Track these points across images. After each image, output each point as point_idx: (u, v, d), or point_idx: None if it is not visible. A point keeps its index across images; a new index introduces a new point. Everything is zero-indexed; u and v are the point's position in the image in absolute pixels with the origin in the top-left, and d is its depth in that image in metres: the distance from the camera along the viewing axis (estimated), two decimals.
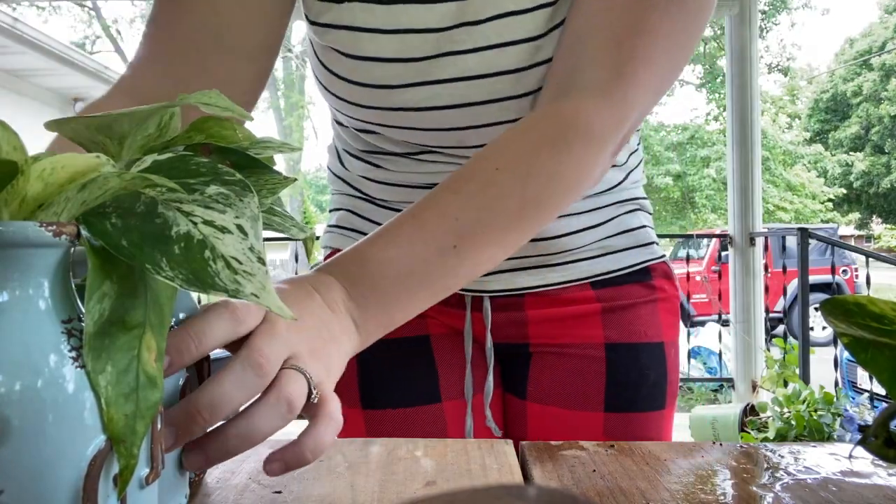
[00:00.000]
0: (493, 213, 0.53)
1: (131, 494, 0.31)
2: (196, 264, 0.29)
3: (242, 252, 0.30)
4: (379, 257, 0.50)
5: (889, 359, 0.43)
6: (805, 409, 2.86)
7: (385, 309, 0.50)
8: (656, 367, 0.77)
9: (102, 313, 0.28)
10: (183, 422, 0.37)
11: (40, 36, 5.72)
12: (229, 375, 0.38)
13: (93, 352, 0.28)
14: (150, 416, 0.29)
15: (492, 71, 0.64)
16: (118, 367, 0.28)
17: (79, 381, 0.27)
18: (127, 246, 0.29)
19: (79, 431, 0.27)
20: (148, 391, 0.29)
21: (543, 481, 0.50)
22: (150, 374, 0.29)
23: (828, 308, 0.44)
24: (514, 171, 0.54)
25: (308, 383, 0.41)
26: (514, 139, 0.56)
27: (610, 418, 0.75)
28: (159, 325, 0.31)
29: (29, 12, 15.03)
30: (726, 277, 3.91)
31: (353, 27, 0.63)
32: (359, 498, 0.46)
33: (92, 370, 0.27)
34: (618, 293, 0.77)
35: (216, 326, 0.38)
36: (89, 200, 0.30)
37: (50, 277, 0.28)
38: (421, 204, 0.53)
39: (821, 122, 22.98)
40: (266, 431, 0.39)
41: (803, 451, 0.56)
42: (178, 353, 0.37)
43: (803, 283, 3.56)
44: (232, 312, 0.39)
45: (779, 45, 22.94)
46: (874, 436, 0.44)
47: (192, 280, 0.29)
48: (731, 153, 3.61)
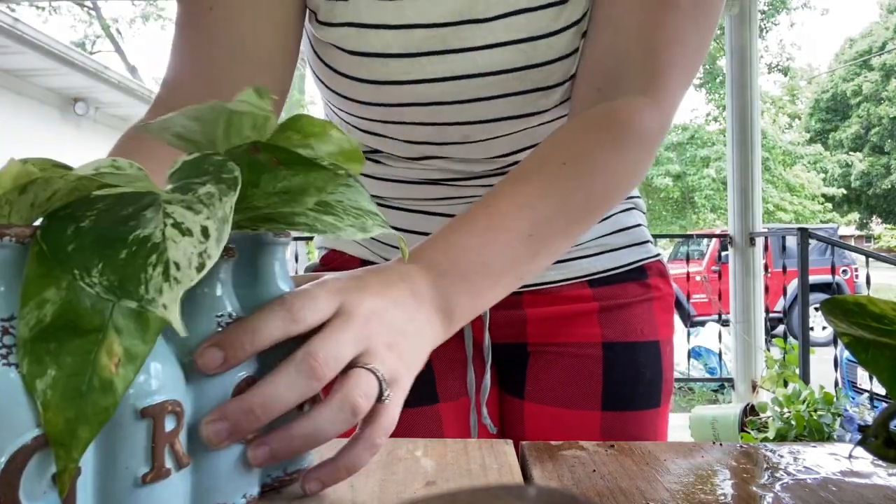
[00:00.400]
0: (563, 206, 0.55)
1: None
2: (131, 270, 0.28)
3: (188, 256, 0.29)
4: (461, 245, 0.51)
5: (889, 359, 0.43)
6: (805, 409, 2.87)
7: (471, 297, 0.51)
8: (652, 365, 0.77)
9: (42, 319, 0.29)
10: (236, 418, 0.37)
11: (40, 36, 5.72)
12: (282, 376, 0.38)
13: (30, 355, 0.28)
14: (97, 421, 0.29)
15: (500, 68, 0.64)
16: (65, 371, 0.29)
17: (3, 378, 0.28)
18: (68, 251, 0.29)
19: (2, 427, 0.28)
20: (99, 396, 0.29)
21: (543, 481, 0.50)
22: (105, 379, 0.29)
23: (828, 308, 0.44)
24: (580, 166, 0.56)
25: (379, 383, 0.41)
26: (575, 137, 0.58)
27: (607, 417, 0.75)
28: (138, 330, 0.31)
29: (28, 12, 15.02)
30: (726, 277, 3.91)
31: (358, 24, 0.63)
32: (359, 498, 0.46)
33: (28, 373, 0.28)
34: (615, 292, 0.78)
35: (270, 324, 0.39)
36: (39, 203, 0.30)
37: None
38: (493, 195, 0.54)
39: (821, 122, 22.99)
40: (330, 433, 0.39)
41: (803, 451, 0.56)
42: (231, 349, 0.37)
43: (803, 283, 3.56)
44: (288, 310, 0.39)
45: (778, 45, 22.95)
46: (874, 436, 0.44)
47: (113, 289, 0.28)
48: (730, 153, 3.61)
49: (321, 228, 0.38)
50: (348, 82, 0.66)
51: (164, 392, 0.33)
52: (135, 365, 0.30)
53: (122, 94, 7.06)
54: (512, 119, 0.68)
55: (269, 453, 0.39)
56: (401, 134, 0.70)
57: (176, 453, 0.34)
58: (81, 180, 0.30)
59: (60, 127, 6.99)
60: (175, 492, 0.34)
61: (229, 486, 0.38)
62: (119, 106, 7.46)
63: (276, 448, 0.39)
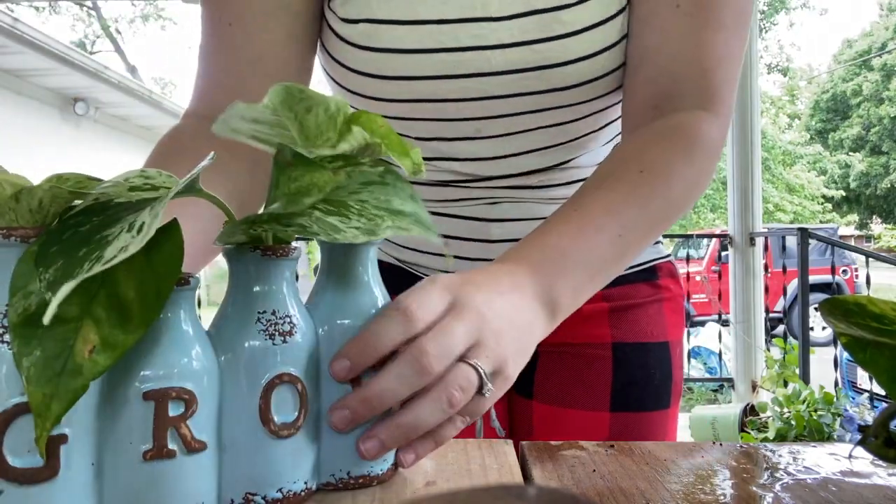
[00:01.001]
0: (645, 211, 0.58)
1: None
2: (73, 266, 0.33)
3: (115, 249, 0.33)
4: (557, 246, 0.54)
5: (889, 359, 0.43)
6: (805, 409, 2.87)
7: (573, 294, 0.54)
8: (661, 366, 0.77)
9: (28, 307, 0.33)
10: (355, 407, 0.41)
11: (40, 36, 5.71)
12: (394, 370, 0.41)
13: (20, 338, 0.33)
14: (68, 399, 0.33)
15: (513, 68, 0.64)
16: (47, 353, 0.33)
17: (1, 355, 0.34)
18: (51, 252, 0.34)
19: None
20: (70, 379, 0.33)
21: (543, 481, 0.50)
22: (77, 364, 0.33)
23: (827, 308, 0.44)
24: (657, 175, 0.59)
25: (480, 378, 0.43)
26: (648, 147, 0.62)
27: (616, 418, 0.75)
28: (120, 321, 0.34)
29: (28, 12, 15.01)
30: (726, 277, 3.91)
31: (371, 19, 0.64)
32: (359, 498, 0.46)
33: (17, 352, 0.33)
34: (625, 292, 0.78)
35: (391, 329, 0.41)
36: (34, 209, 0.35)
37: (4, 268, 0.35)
38: (579, 199, 0.58)
39: (822, 122, 22.98)
40: (429, 424, 0.42)
41: (803, 451, 0.56)
42: (358, 357, 0.41)
43: (803, 283, 3.56)
44: (403, 313, 0.42)
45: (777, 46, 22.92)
46: (874, 436, 0.44)
47: (49, 284, 0.32)
48: (730, 153, 3.61)
49: (316, 230, 0.38)
50: (360, 78, 0.67)
51: (173, 380, 0.37)
52: (114, 353, 0.34)
53: (121, 94, 7.06)
54: (524, 115, 0.67)
55: (380, 444, 0.43)
56: (411, 130, 0.70)
57: (183, 437, 0.37)
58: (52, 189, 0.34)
59: (60, 127, 6.99)
60: (184, 473, 0.37)
61: (288, 473, 0.41)
62: (119, 106, 7.46)
63: (385, 438, 0.42)
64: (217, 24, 0.66)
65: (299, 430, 0.41)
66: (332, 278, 0.45)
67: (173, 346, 0.37)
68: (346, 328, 0.43)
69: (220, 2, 0.66)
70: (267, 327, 0.41)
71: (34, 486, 0.34)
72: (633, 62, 0.66)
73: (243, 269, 0.42)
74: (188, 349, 0.38)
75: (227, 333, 0.41)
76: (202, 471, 0.38)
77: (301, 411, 0.41)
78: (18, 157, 6.05)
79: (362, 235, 0.38)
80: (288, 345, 0.41)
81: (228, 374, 0.40)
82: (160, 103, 7.86)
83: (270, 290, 0.42)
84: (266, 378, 0.40)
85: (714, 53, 0.63)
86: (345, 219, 0.39)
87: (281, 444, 0.40)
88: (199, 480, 0.38)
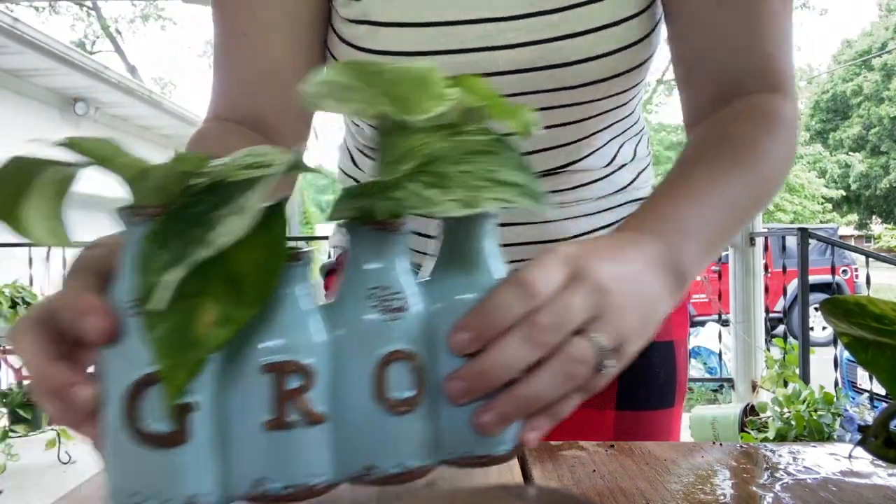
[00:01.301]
0: (746, 188, 0.58)
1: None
2: (189, 246, 0.34)
3: (221, 233, 0.34)
4: (675, 214, 0.52)
5: (889, 359, 0.43)
6: (805, 409, 2.86)
7: (697, 263, 0.52)
8: (666, 365, 0.77)
9: (153, 284, 0.35)
10: (471, 378, 0.40)
11: (40, 36, 5.71)
12: (509, 343, 0.40)
13: (147, 312, 0.35)
14: (191, 370, 0.35)
15: (522, 67, 0.64)
16: (172, 326, 0.35)
17: (132, 327, 0.36)
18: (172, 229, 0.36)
19: (129, 360, 0.36)
20: (193, 350, 0.35)
21: (543, 481, 0.50)
22: (198, 336, 0.35)
23: (828, 308, 0.44)
24: (750, 153, 0.59)
25: (599, 354, 0.42)
26: (734, 126, 0.62)
27: (621, 416, 0.75)
28: (235, 295, 0.36)
29: (27, 12, 15.01)
30: (726, 277, 3.91)
31: (373, 21, 0.63)
32: (359, 498, 0.46)
33: (147, 326, 0.35)
34: None
35: (510, 303, 0.40)
36: (158, 187, 0.37)
37: (131, 249, 0.37)
38: (683, 173, 0.58)
39: (822, 122, 22.97)
40: (547, 397, 0.41)
41: (803, 451, 0.56)
42: (477, 330, 0.40)
43: (803, 283, 3.56)
44: (523, 287, 0.40)
45: None
46: (874, 436, 0.44)
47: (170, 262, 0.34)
48: None
49: (413, 203, 0.37)
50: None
51: (291, 354, 0.38)
52: (232, 327, 0.35)
53: (122, 94, 7.05)
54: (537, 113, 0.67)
55: (498, 417, 0.41)
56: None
57: (301, 409, 0.38)
58: (177, 169, 0.36)
59: (60, 127, 6.99)
60: (302, 444, 0.38)
61: (406, 449, 0.41)
62: (119, 106, 7.46)
63: (503, 411, 0.41)
64: (231, 35, 0.67)
65: (416, 406, 0.41)
66: (449, 254, 0.44)
67: (290, 321, 0.38)
68: (465, 304, 0.42)
69: (234, 13, 0.67)
70: (379, 303, 0.40)
71: (166, 449, 0.36)
72: (687, 63, 0.67)
73: (356, 244, 0.42)
74: (304, 324, 0.39)
75: (340, 309, 0.41)
76: (321, 442, 0.39)
77: (418, 388, 0.41)
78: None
79: (460, 208, 0.37)
80: (401, 321, 0.41)
81: (343, 349, 0.40)
82: (160, 103, 7.85)
83: (382, 265, 0.41)
84: (380, 354, 0.40)
85: (772, 38, 0.65)
86: (444, 190, 0.38)
87: (398, 419, 0.40)
88: (318, 451, 0.39)
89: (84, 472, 2.92)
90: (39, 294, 3.85)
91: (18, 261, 4.29)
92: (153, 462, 0.36)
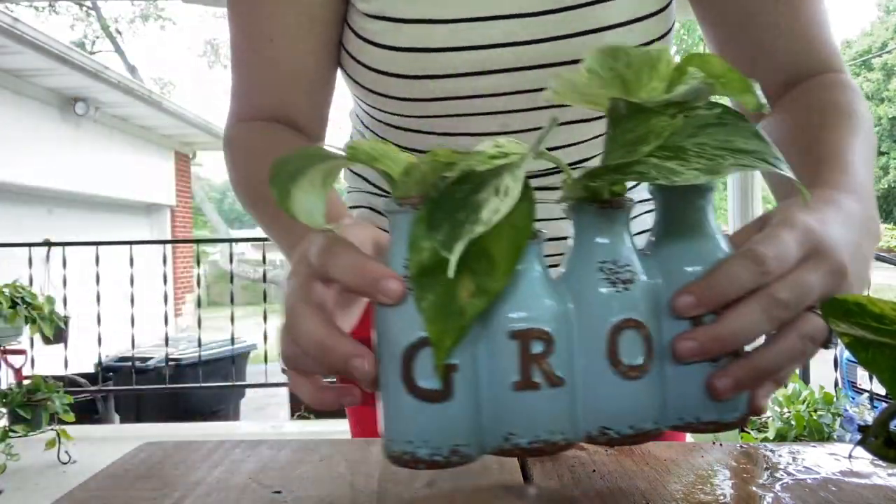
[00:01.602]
0: (871, 148, 0.59)
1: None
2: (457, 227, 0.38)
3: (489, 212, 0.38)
4: (854, 176, 0.53)
5: (889, 358, 0.43)
6: (805, 409, 2.86)
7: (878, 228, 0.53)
8: None
9: (422, 261, 0.40)
10: (704, 341, 0.41)
11: (40, 36, 5.71)
12: (750, 313, 0.41)
13: (418, 285, 0.39)
14: (456, 335, 0.39)
15: (548, 62, 0.64)
16: (438, 297, 0.39)
17: (405, 298, 0.41)
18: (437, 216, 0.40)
19: (405, 326, 0.41)
20: (457, 318, 0.39)
21: (543, 481, 0.50)
22: (460, 306, 0.39)
23: (828, 308, 0.44)
24: (859, 118, 0.61)
25: (830, 331, 0.43)
26: (826, 95, 0.64)
27: None
28: (488, 271, 0.39)
29: (27, 12, 15.01)
30: None
31: (394, 18, 0.63)
32: (359, 498, 0.46)
33: (417, 296, 0.39)
34: None
35: (741, 275, 0.41)
36: (419, 180, 0.43)
37: (398, 233, 0.43)
38: (821, 138, 0.58)
39: None
40: (779, 369, 0.43)
41: (803, 451, 0.56)
42: (704, 296, 0.41)
43: None
44: (756, 261, 0.41)
45: None
46: (874, 436, 0.44)
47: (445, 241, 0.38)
48: None
49: (654, 175, 0.40)
50: (382, 78, 0.66)
51: (532, 322, 0.41)
52: (487, 297, 0.39)
53: (121, 94, 7.06)
54: (551, 109, 0.67)
55: (734, 383, 0.42)
56: (436, 127, 0.70)
57: (544, 372, 0.41)
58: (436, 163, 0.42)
59: (60, 127, 6.99)
60: (546, 404, 0.42)
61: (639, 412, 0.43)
62: (119, 106, 7.46)
63: (741, 378, 0.42)
64: (257, 39, 0.69)
65: (647, 372, 0.43)
66: (671, 226, 0.47)
67: (531, 292, 0.42)
68: (689, 275, 0.44)
69: (259, 17, 0.68)
70: (609, 276, 0.44)
71: (435, 404, 0.41)
72: (744, 64, 0.68)
73: (583, 223, 0.45)
74: (543, 296, 0.43)
75: (572, 282, 0.44)
76: (562, 403, 0.42)
77: (648, 355, 0.43)
78: (18, 157, 6.05)
79: (703, 175, 0.39)
80: (630, 292, 0.43)
81: (577, 319, 0.43)
82: (160, 103, 7.86)
83: (609, 240, 0.45)
84: (612, 323, 0.43)
85: (825, 25, 0.68)
86: (684, 162, 0.40)
87: (630, 384, 0.43)
88: (560, 411, 0.42)
89: (84, 472, 2.93)
90: (39, 294, 3.85)
91: (18, 261, 4.29)
92: (425, 414, 0.41)
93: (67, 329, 4.12)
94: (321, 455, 0.56)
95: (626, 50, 0.42)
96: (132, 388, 4.78)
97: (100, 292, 4.33)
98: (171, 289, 5.13)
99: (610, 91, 0.43)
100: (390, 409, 0.42)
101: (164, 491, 0.49)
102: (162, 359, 5.04)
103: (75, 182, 7.07)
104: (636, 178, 0.41)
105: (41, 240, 4.56)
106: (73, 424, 3.49)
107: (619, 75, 0.42)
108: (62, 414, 3.42)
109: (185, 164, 10.59)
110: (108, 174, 7.61)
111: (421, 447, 0.41)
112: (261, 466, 0.53)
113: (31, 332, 3.79)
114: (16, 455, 3.27)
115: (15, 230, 5.67)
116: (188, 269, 10.30)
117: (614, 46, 0.42)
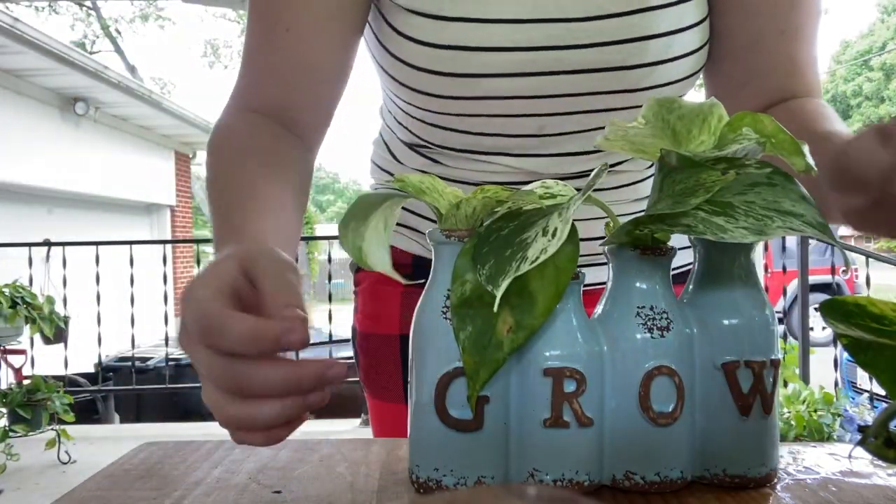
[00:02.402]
0: None
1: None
2: (503, 265, 0.40)
3: (536, 251, 0.39)
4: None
5: (889, 359, 0.43)
6: (805, 410, 2.86)
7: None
8: None
9: (464, 293, 0.41)
10: None
11: (40, 35, 5.70)
12: None
13: (457, 315, 0.41)
14: (492, 368, 0.40)
15: (587, 67, 0.65)
16: (477, 329, 0.40)
17: (444, 327, 0.42)
18: (483, 251, 0.42)
19: (438, 356, 0.42)
20: (495, 351, 0.40)
21: None
22: (499, 339, 0.40)
23: (827, 309, 0.44)
24: (841, 122, 0.63)
25: None
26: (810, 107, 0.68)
27: None
28: (528, 308, 0.41)
29: (27, 12, 15.00)
30: None
31: (440, 16, 0.63)
32: (359, 498, 0.46)
33: (456, 327, 0.41)
34: None
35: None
36: (469, 215, 0.45)
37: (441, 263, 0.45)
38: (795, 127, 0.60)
39: None
40: None
41: (803, 451, 0.56)
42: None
43: (803, 284, 3.55)
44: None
45: None
46: (874, 436, 0.44)
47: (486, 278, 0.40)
48: None
49: (702, 230, 0.40)
50: (421, 75, 0.66)
51: (567, 361, 0.42)
52: (526, 333, 0.40)
53: (121, 94, 7.05)
54: (588, 114, 0.68)
55: None
56: (472, 126, 0.70)
57: (574, 411, 0.42)
58: (485, 199, 0.43)
59: (60, 127, 6.99)
60: (574, 443, 0.42)
61: (666, 459, 0.44)
62: (119, 106, 7.45)
63: None
64: (273, 29, 0.68)
65: (677, 420, 0.43)
66: (711, 278, 0.47)
67: (567, 331, 0.43)
68: (725, 328, 0.45)
69: (279, 7, 0.67)
70: (646, 321, 0.44)
71: (465, 433, 0.42)
72: (738, 80, 0.71)
73: (624, 267, 0.46)
74: (579, 336, 0.43)
75: (609, 325, 0.45)
76: (589, 443, 0.43)
77: (678, 403, 0.43)
78: (18, 157, 6.04)
79: (751, 235, 0.39)
80: (665, 339, 0.44)
81: (611, 361, 0.44)
82: (160, 103, 7.84)
83: (649, 287, 0.45)
84: (645, 368, 0.43)
85: (811, 59, 0.72)
86: (731, 219, 0.40)
87: (659, 431, 0.43)
88: (587, 451, 0.43)
89: (84, 472, 2.93)
90: (39, 294, 3.85)
91: (18, 261, 4.29)
92: (454, 443, 0.42)
93: (67, 329, 4.12)
94: (321, 455, 0.56)
95: (679, 102, 0.42)
96: (132, 388, 4.77)
97: (100, 292, 4.32)
98: (172, 289, 5.12)
99: (660, 142, 0.44)
100: (420, 434, 0.42)
101: (164, 491, 0.49)
102: (162, 359, 5.03)
103: (75, 182, 7.06)
104: (683, 231, 0.41)
105: (41, 240, 4.55)
106: (73, 424, 3.49)
107: (671, 126, 0.43)
108: (62, 414, 3.42)
109: (185, 164, 10.58)
110: (108, 174, 7.60)
111: (447, 475, 0.42)
112: (261, 466, 0.53)
113: (31, 331, 3.78)
114: (16, 455, 3.27)
115: (15, 230, 5.66)
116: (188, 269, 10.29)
117: (669, 98, 0.42)
